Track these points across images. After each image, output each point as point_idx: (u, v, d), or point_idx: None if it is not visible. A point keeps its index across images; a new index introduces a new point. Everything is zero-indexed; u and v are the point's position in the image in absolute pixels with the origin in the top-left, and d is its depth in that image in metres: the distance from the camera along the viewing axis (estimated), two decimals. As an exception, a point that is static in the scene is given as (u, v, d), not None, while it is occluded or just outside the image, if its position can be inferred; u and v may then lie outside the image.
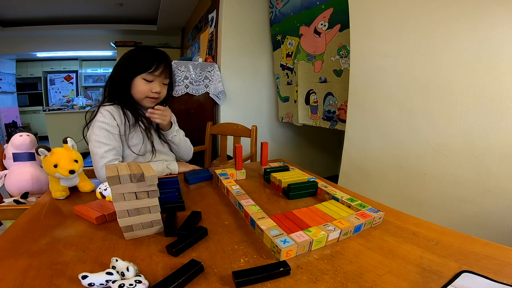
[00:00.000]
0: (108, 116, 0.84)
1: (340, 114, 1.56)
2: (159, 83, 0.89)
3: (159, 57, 0.87)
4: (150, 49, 0.90)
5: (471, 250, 0.47)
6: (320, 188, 0.73)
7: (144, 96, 0.89)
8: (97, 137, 0.82)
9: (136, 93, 0.89)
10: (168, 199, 0.65)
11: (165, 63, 0.88)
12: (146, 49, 0.91)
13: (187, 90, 1.90)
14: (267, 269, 0.41)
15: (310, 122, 1.80)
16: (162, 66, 0.87)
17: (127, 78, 0.87)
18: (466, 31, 0.84)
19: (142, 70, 0.85)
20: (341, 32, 1.42)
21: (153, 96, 0.89)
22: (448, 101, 0.91)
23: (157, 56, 0.87)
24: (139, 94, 0.88)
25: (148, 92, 0.88)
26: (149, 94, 0.88)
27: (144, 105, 0.92)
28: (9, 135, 4.56)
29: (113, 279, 0.38)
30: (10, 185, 1.04)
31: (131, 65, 0.86)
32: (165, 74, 0.89)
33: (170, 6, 3.24)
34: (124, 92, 0.88)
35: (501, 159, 0.81)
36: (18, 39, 4.28)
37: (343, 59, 1.45)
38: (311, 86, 1.72)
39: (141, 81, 0.87)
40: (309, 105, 1.77)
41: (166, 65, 0.88)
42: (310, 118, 1.79)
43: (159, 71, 0.87)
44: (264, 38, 2.17)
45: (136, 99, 0.90)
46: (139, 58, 0.87)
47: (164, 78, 0.90)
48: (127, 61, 0.87)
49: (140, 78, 0.86)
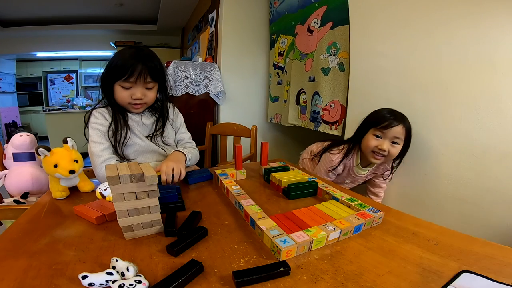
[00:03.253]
0: (100, 117, 0.87)
1: (324, 115, 1.48)
2: (140, 88, 0.85)
3: (133, 61, 0.81)
4: (131, 51, 0.83)
5: (471, 250, 0.47)
6: (320, 188, 0.73)
7: (127, 103, 0.87)
8: (92, 137, 0.85)
9: (118, 100, 0.87)
10: (168, 199, 0.65)
11: (144, 65, 0.82)
12: (126, 52, 0.84)
13: (187, 90, 1.90)
14: (267, 269, 0.41)
15: (299, 123, 1.74)
16: (138, 71, 0.81)
17: (107, 85, 0.86)
18: (466, 31, 0.84)
19: (117, 77, 0.82)
20: (332, 29, 1.38)
21: (135, 102, 0.87)
22: (448, 101, 0.91)
23: (131, 60, 0.81)
24: (121, 100, 0.87)
25: (128, 99, 0.86)
26: (130, 101, 0.86)
27: (131, 111, 0.91)
28: (9, 135, 4.56)
29: (113, 279, 0.38)
30: (10, 185, 1.04)
31: (108, 72, 0.84)
32: (144, 78, 0.83)
33: (170, 6, 3.24)
34: (111, 97, 0.88)
35: (501, 159, 0.81)
36: (18, 39, 4.27)
37: (332, 57, 1.39)
38: (302, 85, 1.68)
39: (119, 88, 0.84)
40: (299, 105, 1.72)
41: (144, 68, 0.82)
42: (300, 118, 1.73)
43: (134, 77, 0.81)
44: (264, 38, 2.16)
45: (121, 105, 0.89)
46: (114, 64, 0.83)
47: (144, 82, 0.84)
48: (106, 68, 0.85)
49: (118, 85, 0.84)
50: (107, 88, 0.87)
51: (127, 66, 0.81)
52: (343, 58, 1.34)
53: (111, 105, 0.89)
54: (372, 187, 1.16)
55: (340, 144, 1.10)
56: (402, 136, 0.95)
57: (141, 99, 0.86)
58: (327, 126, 1.48)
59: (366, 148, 0.99)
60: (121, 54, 0.85)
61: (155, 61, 0.86)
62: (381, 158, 0.98)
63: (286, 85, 1.87)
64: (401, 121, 0.95)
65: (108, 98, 0.89)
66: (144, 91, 0.87)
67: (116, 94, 0.86)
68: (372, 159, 0.99)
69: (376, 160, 0.99)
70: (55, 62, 5.42)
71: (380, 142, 0.96)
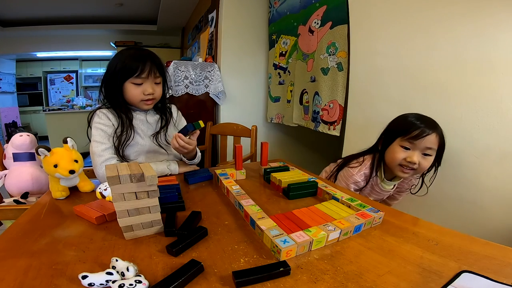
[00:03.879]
0: (104, 117, 0.88)
1: (323, 115, 1.49)
2: (150, 83, 0.88)
3: (142, 57, 0.85)
4: (132, 51, 0.87)
5: (471, 250, 0.47)
6: (320, 188, 0.73)
7: (139, 100, 0.89)
8: (94, 137, 0.86)
9: (129, 98, 0.89)
10: (168, 199, 0.65)
11: (151, 61, 0.86)
12: (128, 52, 0.87)
13: (187, 90, 1.90)
14: (267, 269, 0.41)
15: (303, 123, 1.75)
16: (148, 66, 0.85)
17: (117, 85, 0.86)
18: (466, 31, 0.84)
19: (129, 75, 0.84)
20: (332, 29, 1.38)
21: (147, 98, 0.89)
22: (447, 101, 0.91)
23: (140, 57, 0.85)
24: (133, 98, 0.88)
25: (141, 95, 0.87)
26: (142, 97, 0.88)
27: (142, 108, 0.92)
28: (9, 135, 4.56)
29: (113, 279, 0.38)
30: (10, 185, 1.04)
31: (117, 72, 0.85)
32: (154, 73, 0.87)
33: (170, 6, 3.24)
34: (117, 98, 0.88)
35: (501, 159, 0.81)
36: (18, 39, 4.28)
37: (331, 57, 1.39)
38: (304, 85, 1.69)
39: (131, 86, 0.86)
40: (303, 105, 1.73)
41: (152, 64, 0.86)
42: (303, 118, 1.74)
43: (146, 72, 0.85)
44: (264, 38, 2.16)
45: (131, 103, 0.91)
46: (123, 63, 0.85)
47: (154, 77, 0.88)
48: (113, 68, 0.86)
49: (129, 83, 0.86)
50: (113, 90, 0.88)
51: (137, 63, 0.84)
52: (341, 57, 1.34)
53: (116, 107, 0.89)
54: (389, 199, 1.06)
55: (359, 156, 0.97)
56: (435, 146, 0.82)
57: (152, 94, 0.88)
58: (326, 126, 1.48)
59: (392, 161, 0.86)
60: (125, 55, 0.87)
61: (157, 58, 0.90)
62: (410, 171, 0.85)
63: (290, 85, 1.87)
64: (434, 128, 0.81)
65: (113, 100, 0.90)
66: (154, 86, 0.89)
67: (127, 92, 0.87)
68: (400, 172, 0.86)
69: (404, 174, 0.86)
70: (55, 62, 5.42)
71: (409, 154, 0.82)
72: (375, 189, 0.96)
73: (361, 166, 0.92)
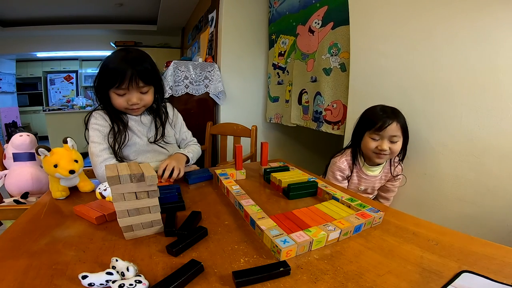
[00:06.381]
0: (100, 118, 0.88)
1: (326, 115, 1.49)
2: (135, 93, 0.83)
3: (123, 67, 0.79)
4: (117, 59, 0.81)
5: (471, 250, 0.47)
6: (320, 188, 0.73)
7: (124, 108, 0.87)
8: (92, 138, 0.86)
9: (115, 105, 0.86)
10: (168, 199, 0.65)
11: (132, 70, 0.79)
12: (114, 58, 0.82)
13: (187, 90, 1.90)
14: (267, 269, 0.41)
15: (302, 123, 1.75)
16: (128, 77, 0.79)
17: (102, 92, 0.85)
18: (466, 31, 0.84)
19: (109, 85, 0.81)
20: (333, 30, 1.38)
21: (132, 108, 0.86)
22: (448, 101, 0.91)
23: (121, 66, 0.79)
24: (118, 106, 0.86)
25: (125, 104, 0.85)
26: (127, 106, 0.85)
27: (131, 114, 0.91)
28: (9, 135, 4.56)
29: (113, 279, 0.38)
30: (10, 185, 1.04)
31: (100, 79, 0.83)
32: (136, 83, 0.81)
33: (170, 6, 3.23)
34: (108, 102, 0.87)
35: (501, 159, 0.80)
36: (18, 39, 4.27)
37: (333, 57, 1.40)
38: (304, 85, 1.69)
39: (114, 95, 0.84)
40: (301, 105, 1.74)
41: (133, 73, 0.79)
42: (302, 118, 1.74)
43: (126, 83, 0.80)
44: (264, 38, 2.16)
45: (118, 109, 0.89)
46: (105, 72, 0.81)
47: (137, 87, 0.83)
48: (97, 75, 0.84)
49: (112, 92, 0.83)
50: (103, 95, 0.86)
51: (117, 73, 0.79)
52: (344, 58, 1.34)
53: (108, 110, 0.89)
54: (384, 192, 1.14)
55: (342, 150, 1.10)
56: (399, 133, 0.94)
57: (137, 103, 0.85)
58: (329, 126, 1.48)
59: (367, 150, 0.99)
60: (109, 60, 0.82)
61: (144, 63, 0.83)
62: (384, 156, 0.98)
63: (288, 85, 1.87)
64: (394, 118, 0.94)
65: (104, 104, 0.88)
66: (139, 96, 0.85)
67: (112, 100, 0.85)
68: (377, 159, 0.99)
69: (381, 159, 0.99)
70: (55, 62, 5.42)
71: (379, 143, 0.95)
72: (362, 177, 1.06)
73: (342, 155, 1.06)
